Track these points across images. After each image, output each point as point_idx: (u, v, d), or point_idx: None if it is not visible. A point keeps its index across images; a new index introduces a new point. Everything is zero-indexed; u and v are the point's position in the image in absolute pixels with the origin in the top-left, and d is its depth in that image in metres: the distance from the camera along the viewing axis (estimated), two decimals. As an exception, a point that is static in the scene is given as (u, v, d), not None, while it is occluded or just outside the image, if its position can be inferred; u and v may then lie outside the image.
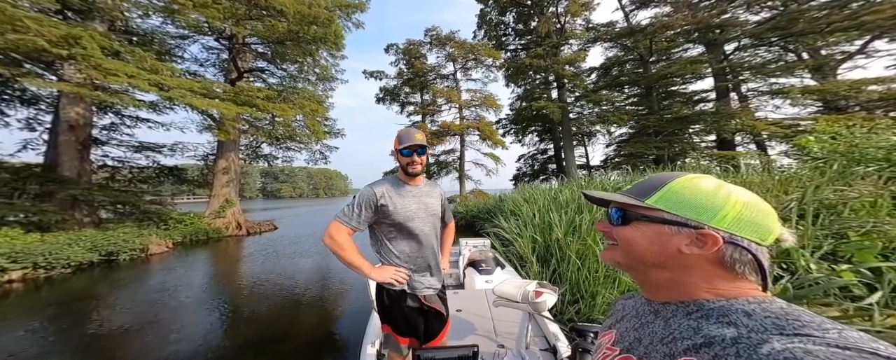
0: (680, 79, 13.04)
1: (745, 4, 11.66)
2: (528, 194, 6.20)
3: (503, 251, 3.92)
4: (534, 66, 14.61)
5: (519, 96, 16.78)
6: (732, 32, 11.69)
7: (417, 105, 16.71)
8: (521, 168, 18.00)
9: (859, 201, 2.22)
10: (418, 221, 1.13)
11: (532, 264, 3.16)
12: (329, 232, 1.09)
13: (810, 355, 0.25)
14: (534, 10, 15.66)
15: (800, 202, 2.35)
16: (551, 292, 1.36)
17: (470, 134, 15.45)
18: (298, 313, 3.59)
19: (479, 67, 16.19)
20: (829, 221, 2.15)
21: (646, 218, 0.40)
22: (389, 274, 1.09)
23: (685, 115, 11.99)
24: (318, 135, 12.14)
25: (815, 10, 10.03)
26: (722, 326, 0.34)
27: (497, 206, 7.51)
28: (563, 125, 15.09)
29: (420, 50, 16.22)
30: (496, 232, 4.44)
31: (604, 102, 14.46)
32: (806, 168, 3.18)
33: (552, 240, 3.16)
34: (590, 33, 15.32)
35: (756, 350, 0.28)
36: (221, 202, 10.37)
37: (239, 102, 8.92)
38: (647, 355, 0.39)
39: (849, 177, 2.55)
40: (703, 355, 0.33)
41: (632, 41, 13.55)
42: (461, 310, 2.07)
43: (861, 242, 1.82)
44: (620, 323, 0.48)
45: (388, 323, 1.15)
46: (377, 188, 1.12)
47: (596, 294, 2.37)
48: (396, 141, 1.13)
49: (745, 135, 11.30)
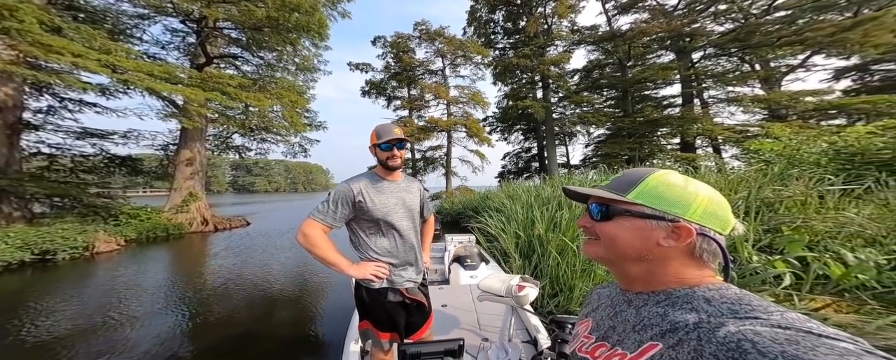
0: (652, 84, 13.88)
1: (713, 15, 12.60)
2: (513, 191, 6.35)
3: (488, 247, 3.98)
4: (521, 65, 14.77)
5: (506, 95, 16.96)
6: (700, 41, 12.59)
7: (404, 100, 16.29)
8: (506, 166, 18.36)
9: (792, 200, 2.52)
10: (397, 216, 1.11)
11: (515, 259, 3.24)
12: (303, 230, 1.05)
13: (758, 335, 0.28)
14: (523, 9, 15.78)
15: (746, 200, 2.62)
16: (533, 286, 1.40)
17: (457, 131, 15.40)
18: (274, 313, 3.41)
19: (467, 64, 16.05)
20: (767, 217, 2.43)
21: (628, 213, 0.41)
22: (369, 270, 1.07)
23: (655, 118, 12.82)
24: (298, 127, 11.45)
25: (769, 25, 11.07)
26: (685, 312, 0.36)
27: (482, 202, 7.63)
28: (546, 125, 15.52)
29: (408, 44, 15.77)
30: (481, 228, 4.52)
31: (584, 104, 15.05)
32: (752, 170, 3.55)
33: (534, 236, 3.26)
34: (575, 35, 15.74)
35: (714, 333, 0.31)
36: (185, 196, 9.49)
37: (207, 89, 8.15)
38: (621, 342, 0.41)
39: (785, 179, 2.89)
40: (668, 339, 0.35)
41: (612, 45, 14.15)
42: (446, 305, 2.08)
43: (791, 235, 2.08)
44: (596, 312, 0.50)
45: (368, 319, 1.13)
46: (354, 185, 1.09)
47: (573, 287, 2.49)
48: (374, 136, 1.12)
49: (704, 138, 12.31)
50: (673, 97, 13.96)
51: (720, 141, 11.88)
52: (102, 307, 3.52)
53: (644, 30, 12.98)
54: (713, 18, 12.60)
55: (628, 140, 12.92)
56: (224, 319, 3.21)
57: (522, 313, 1.78)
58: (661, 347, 0.35)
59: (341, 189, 1.09)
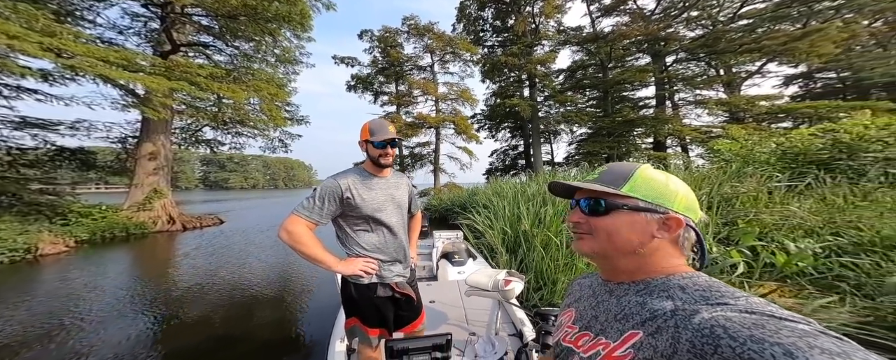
0: (630, 85, 14.54)
1: (685, 21, 13.40)
2: (499, 187, 6.46)
3: (475, 243, 4.01)
4: (509, 63, 14.89)
5: (494, 93, 17.05)
6: (673, 46, 13.38)
7: (392, 95, 15.88)
8: (493, 163, 18.58)
9: (747, 196, 2.78)
10: (387, 213, 1.10)
11: (502, 254, 3.30)
12: (285, 227, 1.02)
13: (729, 321, 0.30)
14: (512, 7, 15.82)
15: (708, 196, 2.86)
16: (519, 280, 1.43)
17: (445, 127, 15.30)
18: (255, 314, 3.25)
19: (456, 61, 15.87)
20: (726, 211, 2.66)
21: (625, 207, 0.42)
22: (358, 266, 1.05)
23: (632, 118, 13.52)
24: (277, 121, 10.80)
25: (733, 32, 11.96)
26: (662, 300, 0.38)
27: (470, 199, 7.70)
28: (532, 123, 15.84)
29: (396, 39, 15.31)
30: (469, 224, 4.57)
31: (568, 103, 15.47)
32: (714, 168, 3.87)
33: (520, 231, 3.33)
34: (560, 35, 16.08)
35: (690, 320, 0.32)
36: (148, 193, 8.74)
37: (173, 78, 7.45)
38: (603, 331, 0.41)
39: (741, 176, 3.17)
40: (648, 327, 0.36)
41: (595, 46, 14.66)
42: (434, 301, 2.09)
43: (745, 228, 2.30)
44: (579, 302, 0.51)
45: (356, 316, 1.12)
46: (342, 180, 1.07)
47: (556, 281, 2.59)
48: (366, 131, 1.10)
49: (674, 138, 13.22)
50: (648, 99, 14.72)
51: (688, 141, 12.83)
52: (55, 311, 3.22)
53: (624, 33, 13.57)
54: (686, 24, 13.45)
55: (608, 139, 13.57)
56: (198, 321, 3.02)
57: (508, 306, 1.83)
58: (642, 335, 0.36)
59: (328, 185, 1.06)
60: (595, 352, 0.40)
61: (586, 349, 0.42)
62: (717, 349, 0.28)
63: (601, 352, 0.39)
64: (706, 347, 0.29)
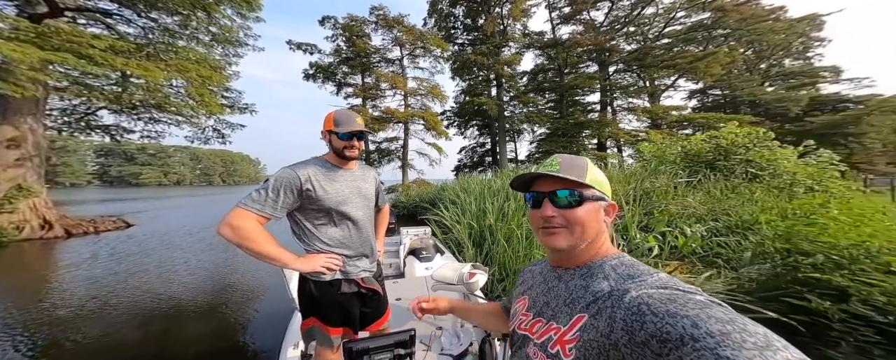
0: (581, 90, 16.18)
1: (625, 35, 15.35)
2: (467, 184, 6.62)
3: (443, 238, 4.08)
4: (478, 62, 15.10)
5: (463, 90, 17.17)
6: (615, 57, 15.35)
7: (357, 87, 14.72)
8: (462, 159, 18.89)
9: (660, 190, 3.40)
10: (352, 206, 1.04)
11: (468, 248, 3.38)
12: (229, 222, 0.88)
13: (651, 298, 0.34)
14: (482, 7, 15.91)
15: (634, 190, 3.40)
16: (483, 273, 1.45)
17: (415, 123, 14.91)
18: (186, 327, 2.75)
19: (427, 56, 15.45)
20: (645, 203, 3.21)
21: (591, 197, 0.44)
22: (319, 263, 0.97)
23: (581, 121, 15.12)
24: (212, 108, 9.01)
25: (657, 49, 14.17)
26: (600, 281, 0.41)
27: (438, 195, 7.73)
28: (499, 122, 16.46)
29: (364, 28, 14.13)
30: (437, 220, 4.59)
31: (531, 104, 16.47)
32: (638, 167, 4.63)
33: (485, 225, 3.46)
34: (526, 39, 16.84)
35: (622, 300, 0.36)
36: (7, 190, 6.63)
37: (49, 48, 5.67)
38: (555, 316, 0.43)
39: (657, 174, 3.85)
40: (591, 309, 0.38)
41: (554, 52, 15.87)
42: (401, 298, 2.03)
43: (658, 217, 2.81)
44: (531, 290, 0.52)
45: (315, 315, 1.03)
46: (300, 171, 0.97)
47: (517, 271, 2.76)
48: (330, 121, 1.02)
49: (613, 140, 15.26)
50: (594, 104, 16.55)
51: (622, 142, 15.04)
52: None
53: (578, 41, 15.03)
54: (625, 38, 15.55)
55: (562, 139, 15.02)
56: (104, 341, 2.43)
57: (474, 298, 1.92)
58: (587, 317, 0.38)
59: (285, 175, 0.95)
60: (547, 338, 0.42)
61: (540, 335, 0.43)
62: (643, 325, 0.32)
63: (553, 337, 0.41)
64: (635, 323, 0.33)
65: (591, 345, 0.36)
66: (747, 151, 3.77)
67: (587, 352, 0.36)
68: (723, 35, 13.79)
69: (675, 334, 0.29)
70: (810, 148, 3.79)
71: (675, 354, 0.28)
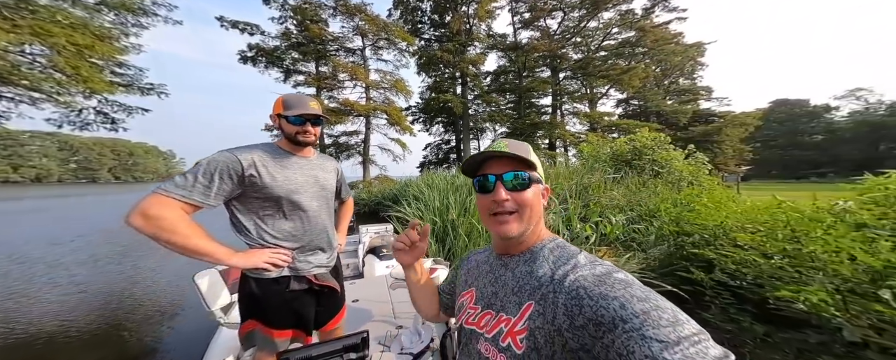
0: (537, 93, 17.69)
1: (573, 44, 17.21)
2: (431, 180, 6.60)
3: None
4: (444, 59, 15.02)
5: (429, 86, 16.91)
6: (564, 64, 17.17)
7: (310, 76, 13.01)
8: (427, 156, 18.91)
9: (595, 185, 3.96)
10: (305, 195, 0.93)
11: (431, 244, 3.37)
12: (143, 210, 0.71)
13: (585, 280, 0.36)
14: (449, 4, 15.68)
15: (576, 185, 3.88)
16: (444, 267, 1.45)
17: (377, 117, 13.99)
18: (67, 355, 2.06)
19: (391, 49, 14.50)
20: (584, 196, 3.71)
21: (537, 180, 0.44)
22: (263, 258, 0.85)
23: (536, 122, 16.55)
24: (94, 85, 6.75)
25: (596, 60, 16.24)
26: (542, 265, 0.41)
27: (402, 191, 7.52)
28: (463, 119, 16.81)
29: (319, 13, 12.48)
30: (399, 217, 4.46)
31: (493, 104, 17.25)
32: (579, 165, 5.31)
33: (448, 220, 3.49)
34: (490, 40, 17.35)
35: (562, 284, 0.37)
36: None
37: None
38: (504, 307, 0.42)
39: (593, 171, 4.48)
40: (537, 295, 0.39)
41: (515, 55, 16.84)
42: (358, 300, 1.92)
43: (593, 209, 3.27)
44: (478, 281, 0.50)
45: (256, 317, 0.89)
46: (243, 155, 0.84)
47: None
48: (280, 105, 0.92)
49: (561, 141, 17.16)
50: (547, 107, 18.27)
51: (568, 143, 17.09)
52: None
53: (535, 46, 16.30)
54: (573, 47, 17.51)
55: (520, 138, 16.22)
56: None
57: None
58: (534, 304, 0.38)
59: (222, 159, 0.82)
60: (498, 331, 0.40)
61: (490, 328, 0.42)
62: (581, 310, 0.33)
63: (504, 329, 0.40)
64: (574, 308, 0.34)
65: (540, 333, 0.36)
66: (653, 153, 4.67)
67: (537, 341, 0.36)
68: (642, 53, 16.72)
69: (608, 316, 0.31)
70: (691, 152, 4.93)
71: (608, 336, 0.30)
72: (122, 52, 7.34)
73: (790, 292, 1.10)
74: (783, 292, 1.11)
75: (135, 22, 7.65)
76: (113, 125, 8.00)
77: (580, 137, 15.86)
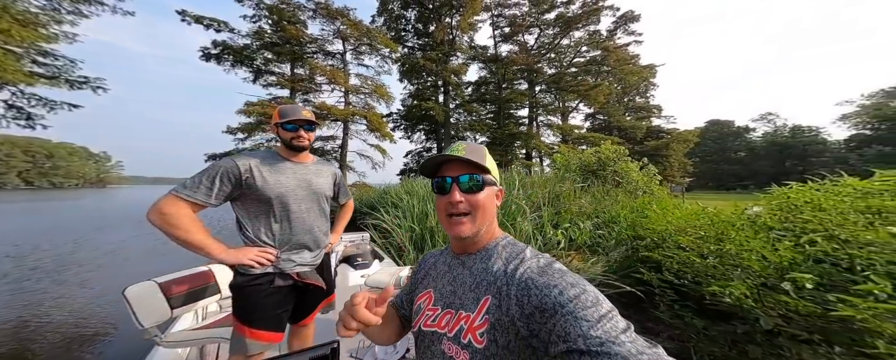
0: (515, 104, 18.66)
1: (548, 60, 18.57)
2: (411, 187, 6.50)
3: (383, 243, 3.83)
4: (427, 68, 15.26)
5: (411, 94, 17.00)
6: (540, 77, 18.42)
7: (284, 77, 12.35)
8: (408, 163, 18.66)
9: (566, 193, 4.22)
10: (293, 199, 1.02)
11: (409, 251, 3.27)
12: (160, 208, 0.87)
13: (532, 272, 0.39)
14: (433, 14, 16.14)
15: (549, 193, 4.11)
16: None
17: (356, 122, 13.61)
18: None
19: (373, 54, 14.37)
20: (556, 204, 3.92)
21: (489, 182, 0.46)
22: (249, 255, 0.95)
23: (514, 132, 17.37)
24: (6, 74, 5.74)
25: (568, 76, 17.56)
26: (495, 261, 0.44)
27: (380, 198, 7.30)
28: (445, 128, 17.04)
29: (298, 14, 12.03)
30: (376, 224, 4.30)
31: (474, 113, 17.86)
32: (552, 174, 5.66)
33: (427, 228, 3.43)
34: (472, 51, 18.12)
35: (513, 277, 0.40)
36: None
37: None
38: (463, 305, 0.43)
39: (564, 180, 4.78)
40: (492, 289, 0.41)
41: (495, 67, 17.70)
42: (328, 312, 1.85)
43: (564, 215, 3.47)
44: (436, 281, 0.50)
45: (236, 314, 0.97)
46: (242, 161, 0.97)
47: None
48: (277, 115, 1.04)
49: (537, 151, 18.16)
50: (524, 118, 19.34)
51: (542, 153, 18.12)
52: None
53: (514, 59, 17.34)
54: (548, 63, 18.92)
55: (499, 148, 16.86)
56: None
57: None
58: (491, 298, 0.40)
59: (224, 164, 0.96)
60: (459, 328, 0.41)
61: (452, 327, 0.42)
62: (529, 299, 0.36)
63: (464, 326, 0.41)
64: (523, 297, 0.37)
65: (498, 325, 0.38)
66: (615, 164, 5.14)
67: (496, 333, 0.38)
68: (606, 71, 18.60)
69: (550, 303, 0.34)
70: (645, 164, 5.53)
71: (551, 321, 0.34)
72: (48, 39, 6.31)
73: (719, 287, 1.25)
74: (714, 287, 1.26)
75: (72, 9, 6.70)
76: (28, 121, 6.73)
77: (553, 148, 16.88)
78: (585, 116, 23.12)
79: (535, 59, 17.89)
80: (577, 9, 17.29)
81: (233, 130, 11.77)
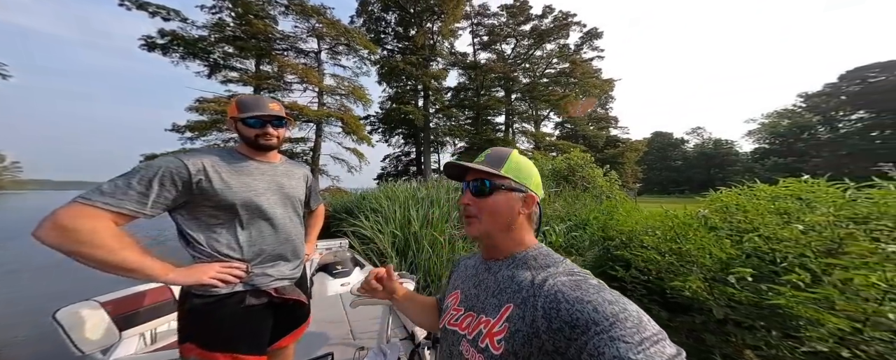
0: (492, 111, 19.45)
1: (523, 69, 19.75)
2: (391, 191, 6.29)
3: (363, 250, 3.64)
4: (407, 71, 15.13)
5: (390, 97, 16.70)
6: (515, 86, 19.43)
7: (246, 73, 11.21)
8: (386, 168, 18.33)
9: (544, 198, 4.46)
10: (267, 202, 0.85)
11: (392, 257, 3.17)
12: (58, 220, 0.59)
13: (563, 285, 0.38)
14: (414, 19, 16.14)
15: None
16: (410, 280, 1.38)
17: (331, 124, 12.85)
18: None
19: (351, 55, 13.76)
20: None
21: (503, 187, 0.46)
22: (210, 273, 0.74)
23: (491, 138, 18.06)
24: None
25: (540, 86, 18.92)
26: (524, 270, 0.43)
27: (358, 203, 6.95)
28: (424, 132, 17.02)
29: (267, 9, 11.06)
30: (355, 231, 4.07)
31: (453, 118, 18.20)
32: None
33: (410, 233, 3.33)
34: (451, 57, 18.50)
35: (542, 287, 0.39)
36: None
37: None
38: (484, 309, 0.43)
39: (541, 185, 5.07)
40: (516, 298, 0.40)
41: (474, 74, 18.24)
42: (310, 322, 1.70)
43: (549, 219, 3.64)
44: (464, 283, 0.52)
45: (195, 341, 0.75)
46: (190, 160, 0.75)
47: (441, 276, 2.75)
48: (234, 108, 0.85)
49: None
50: (501, 125, 20.35)
51: (519, 160, 19.08)
52: None
53: (492, 67, 18.08)
54: (523, 72, 20.08)
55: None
56: None
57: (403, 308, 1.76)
58: (513, 307, 0.40)
59: (165, 163, 0.72)
60: (478, 332, 0.42)
61: (471, 329, 0.43)
62: (559, 313, 0.35)
63: (483, 330, 0.41)
64: (552, 311, 0.36)
65: (518, 335, 0.38)
66: (583, 170, 5.58)
67: (514, 343, 0.37)
68: (573, 83, 20.33)
69: (582, 319, 0.33)
70: (607, 170, 6.10)
71: (582, 339, 0.32)
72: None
73: (679, 282, 1.39)
74: (676, 283, 1.40)
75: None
76: None
77: (527, 154, 17.82)
78: (555, 125, 24.91)
79: (512, 68, 18.90)
80: (549, 23, 18.76)
81: (180, 128, 10.26)
